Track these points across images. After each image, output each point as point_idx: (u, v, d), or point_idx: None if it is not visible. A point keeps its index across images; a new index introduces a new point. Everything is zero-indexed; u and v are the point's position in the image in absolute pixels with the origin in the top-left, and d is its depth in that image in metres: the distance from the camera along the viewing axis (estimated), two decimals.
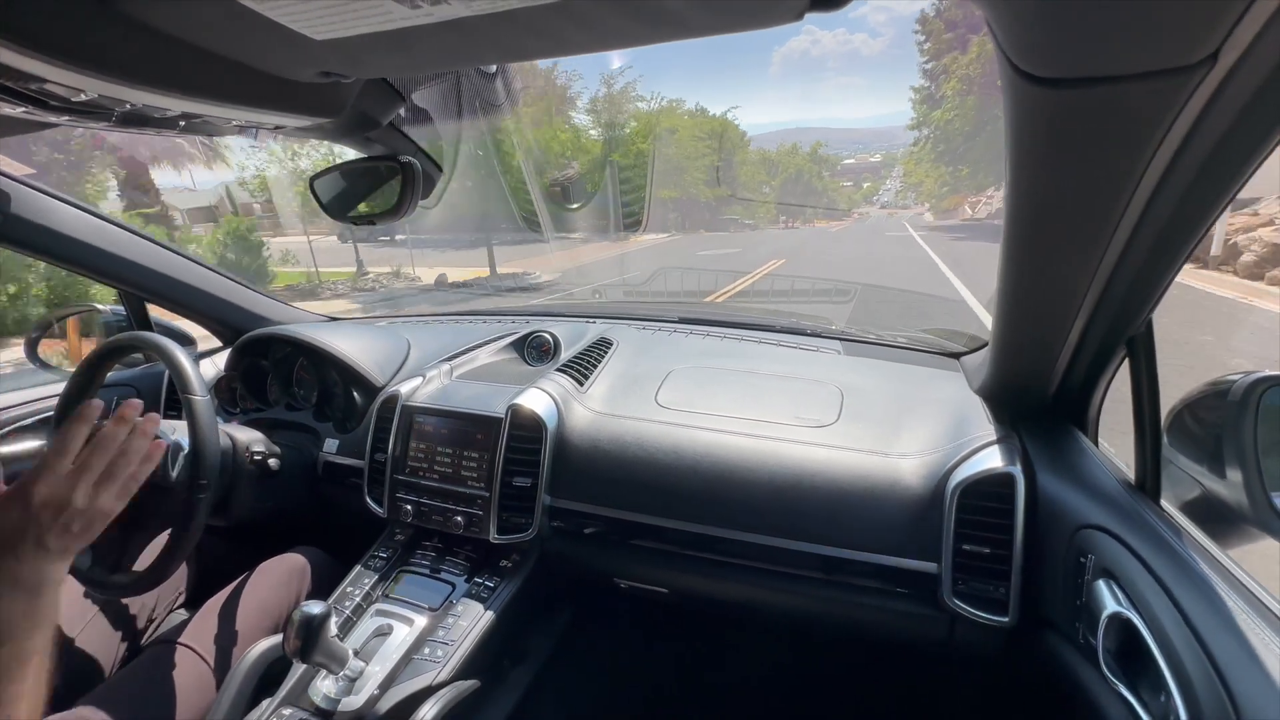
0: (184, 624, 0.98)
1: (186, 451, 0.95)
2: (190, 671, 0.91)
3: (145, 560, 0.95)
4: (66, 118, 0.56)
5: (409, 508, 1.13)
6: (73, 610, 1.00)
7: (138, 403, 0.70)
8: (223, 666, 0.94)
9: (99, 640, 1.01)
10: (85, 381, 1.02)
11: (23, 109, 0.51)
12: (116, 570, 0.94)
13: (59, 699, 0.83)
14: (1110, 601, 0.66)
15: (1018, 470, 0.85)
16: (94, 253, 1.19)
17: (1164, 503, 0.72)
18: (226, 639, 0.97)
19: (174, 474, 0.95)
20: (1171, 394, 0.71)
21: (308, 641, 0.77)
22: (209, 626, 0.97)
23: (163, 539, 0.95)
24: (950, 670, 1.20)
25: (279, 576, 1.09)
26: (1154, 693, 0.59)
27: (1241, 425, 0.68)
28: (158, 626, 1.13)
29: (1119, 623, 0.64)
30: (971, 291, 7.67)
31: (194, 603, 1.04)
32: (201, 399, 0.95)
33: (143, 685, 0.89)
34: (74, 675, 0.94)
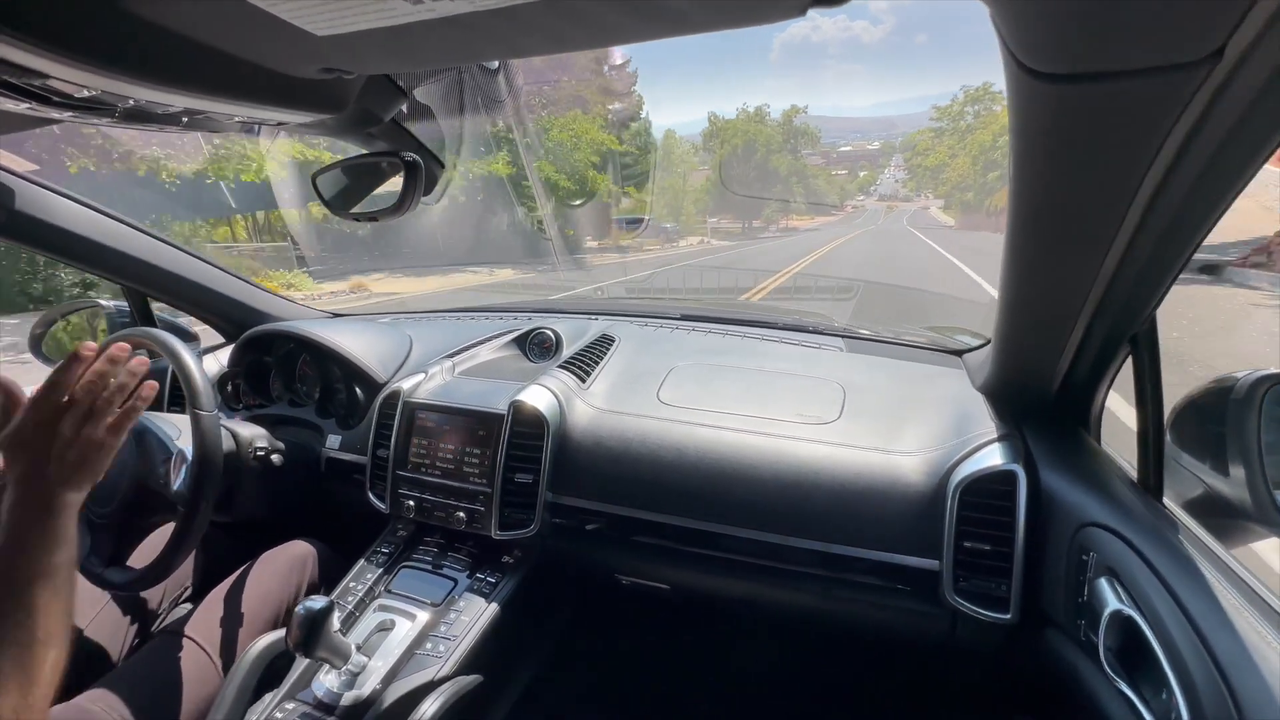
0: (187, 615, 0.99)
1: (190, 462, 0.95)
2: (193, 662, 0.92)
3: (148, 557, 0.96)
4: (69, 114, 0.56)
5: (411, 503, 1.13)
6: (82, 602, 1.01)
7: (126, 346, 0.72)
8: (225, 657, 0.94)
9: (106, 631, 1.02)
10: None
11: (26, 105, 0.52)
12: (115, 566, 0.95)
13: (65, 689, 0.84)
14: (1112, 599, 0.66)
15: (1019, 468, 0.85)
16: (98, 248, 1.19)
17: (1167, 501, 0.72)
18: (229, 629, 0.97)
19: (175, 484, 0.96)
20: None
21: (310, 636, 0.77)
22: (211, 617, 0.98)
23: (165, 534, 0.95)
24: (951, 667, 1.20)
25: (280, 566, 1.10)
26: (1155, 691, 0.58)
27: (1245, 423, 0.67)
28: (164, 619, 1.14)
29: (1121, 620, 0.64)
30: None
31: (200, 596, 1.05)
32: (209, 415, 0.95)
33: (146, 676, 0.90)
34: (81, 665, 0.95)
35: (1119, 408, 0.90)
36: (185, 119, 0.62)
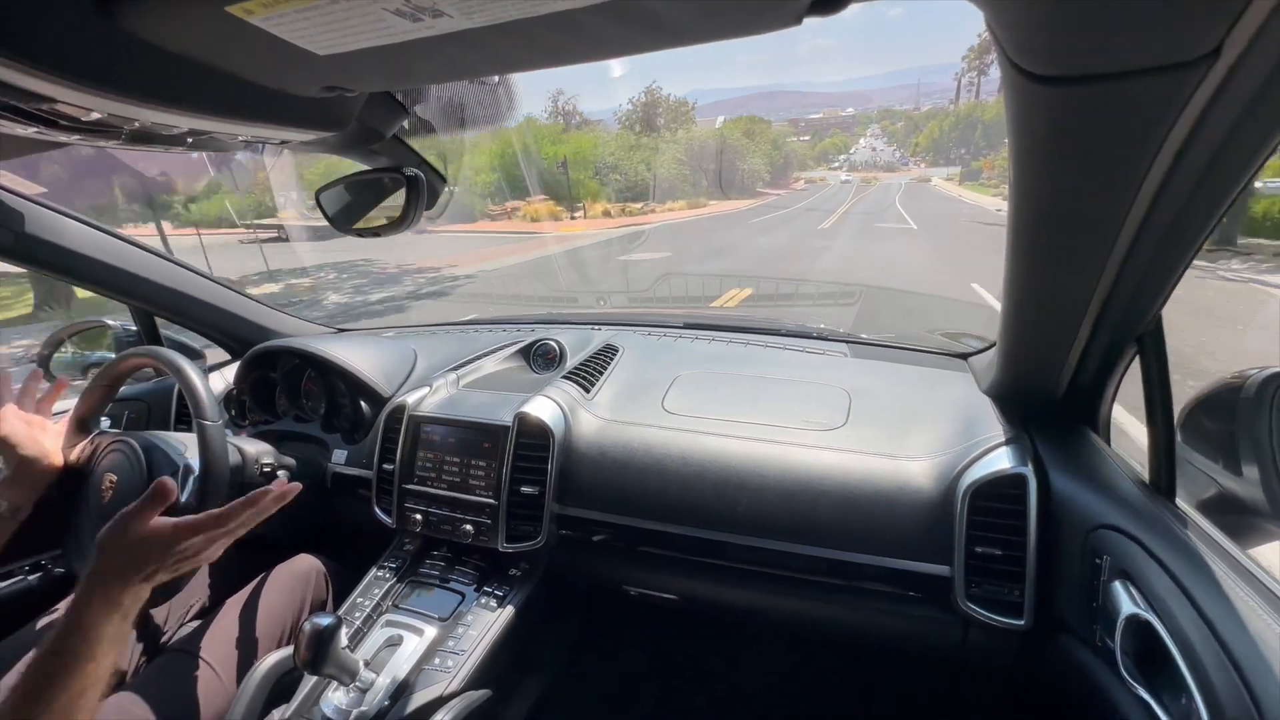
0: (195, 632, 0.98)
1: (196, 475, 0.96)
2: (201, 679, 0.91)
3: None
4: (76, 137, 0.57)
5: (418, 517, 1.13)
6: None
7: (297, 486, 0.81)
8: (232, 673, 0.94)
9: None
10: (99, 396, 1.03)
11: (34, 129, 0.52)
12: None
13: None
14: (1127, 603, 0.65)
15: (1029, 471, 0.84)
16: (105, 269, 1.21)
17: (1179, 501, 0.71)
18: (235, 646, 0.97)
19: (183, 498, 0.96)
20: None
21: (318, 653, 0.77)
22: (218, 634, 0.98)
23: None
24: (964, 674, 1.18)
25: (287, 582, 1.10)
26: (1174, 695, 0.58)
27: (1257, 421, 0.67)
28: (172, 636, 1.13)
29: (1137, 624, 0.63)
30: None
31: (208, 613, 1.05)
32: (213, 424, 0.95)
33: (154, 694, 0.89)
34: None
35: (1119, 416, 0.88)
36: (190, 139, 0.62)
